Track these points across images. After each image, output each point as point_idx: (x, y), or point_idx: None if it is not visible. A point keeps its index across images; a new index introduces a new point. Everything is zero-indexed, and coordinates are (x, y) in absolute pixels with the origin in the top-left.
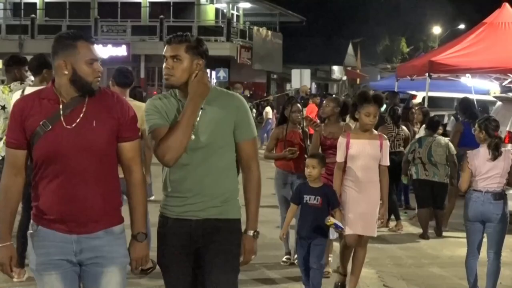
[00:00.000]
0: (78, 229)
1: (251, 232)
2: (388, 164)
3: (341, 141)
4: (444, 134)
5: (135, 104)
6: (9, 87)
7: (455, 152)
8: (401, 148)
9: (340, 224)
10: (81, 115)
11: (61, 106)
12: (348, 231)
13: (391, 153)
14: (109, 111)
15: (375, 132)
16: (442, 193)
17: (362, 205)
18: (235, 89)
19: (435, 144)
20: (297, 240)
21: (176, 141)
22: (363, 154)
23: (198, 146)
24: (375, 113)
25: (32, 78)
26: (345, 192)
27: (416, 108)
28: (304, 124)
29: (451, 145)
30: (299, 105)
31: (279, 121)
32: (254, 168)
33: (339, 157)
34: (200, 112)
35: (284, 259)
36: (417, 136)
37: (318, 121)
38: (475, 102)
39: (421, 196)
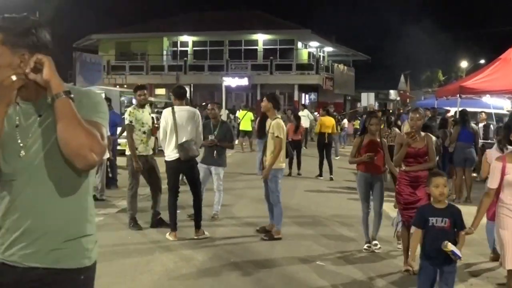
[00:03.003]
0: None
1: None
2: None
3: (496, 166)
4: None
5: (277, 122)
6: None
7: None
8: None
9: (458, 252)
10: None
11: None
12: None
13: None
14: None
15: None
16: None
17: None
18: (330, 108)
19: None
20: (421, 267)
21: None
22: None
23: (28, 165)
24: None
25: (151, 98)
26: (502, 221)
27: (451, 119)
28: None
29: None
30: (376, 118)
31: (361, 131)
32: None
33: (493, 183)
34: (38, 120)
35: (365, 246)
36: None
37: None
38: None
39: None
